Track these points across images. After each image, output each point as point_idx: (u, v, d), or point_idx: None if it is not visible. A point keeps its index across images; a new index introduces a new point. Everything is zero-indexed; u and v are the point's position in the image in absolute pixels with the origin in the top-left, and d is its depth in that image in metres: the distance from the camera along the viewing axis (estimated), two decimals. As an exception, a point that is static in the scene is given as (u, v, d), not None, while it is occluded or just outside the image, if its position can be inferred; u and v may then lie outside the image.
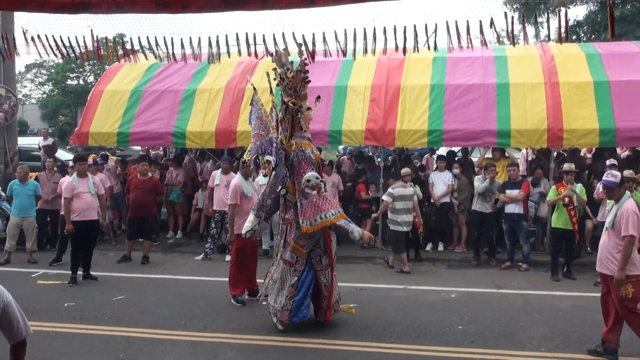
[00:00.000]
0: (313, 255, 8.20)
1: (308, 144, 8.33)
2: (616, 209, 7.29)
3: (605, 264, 7.29)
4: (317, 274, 8.24)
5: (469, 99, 12.97)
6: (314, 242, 8.15)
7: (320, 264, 8.25)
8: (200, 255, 12.68)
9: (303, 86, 8.27)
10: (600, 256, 7.40)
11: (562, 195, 10.97)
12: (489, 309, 9.18)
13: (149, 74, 15.14)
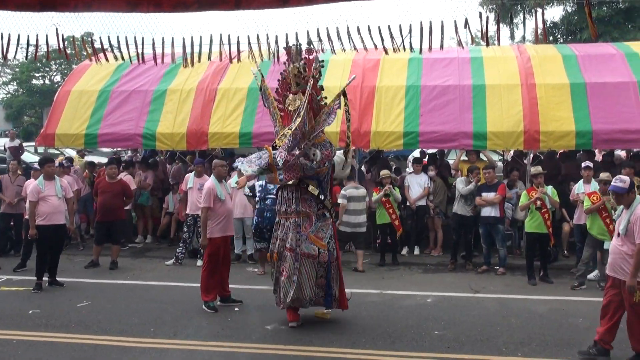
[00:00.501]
0: (330, 247, 8.54)
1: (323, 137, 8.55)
2: (628, 214, 7.23)
3: (619, 269, 7.25)
4: (331, 265, 8.55)
5: (445, 101, 13.07)
6: (330, 234, 8.55)
7: (333, 255, 8.59)
8: (171, 260, 12.60)
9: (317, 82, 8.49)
10: (612, 261, 7.35)
11: (534, 198, 11.08)
12: (466, 314, 9.24)
13: (117, 73, 15.02)
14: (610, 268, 7.39)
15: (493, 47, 14.50)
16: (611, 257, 7.40)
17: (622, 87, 12.69)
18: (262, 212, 11.50)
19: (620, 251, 7.24)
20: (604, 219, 10.59)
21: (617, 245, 7.32)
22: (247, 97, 13.76)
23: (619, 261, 7.25)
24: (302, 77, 8.39)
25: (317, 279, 8.48)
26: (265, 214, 11.48)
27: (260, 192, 11.60)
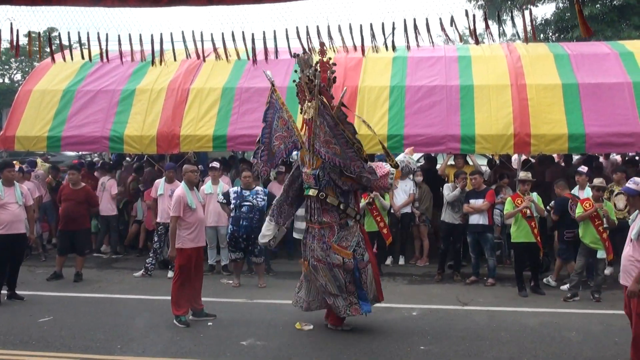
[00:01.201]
0: (357, 254, 8.77)
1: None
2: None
3: (630, 277, 7.30)
4: (360, 272, 8.78)
5: (431, 102, 13.11)
6: (356, 241, 8.79)
7: (362, 261, 8.82)
8: (140, 272, 12.53)
9: (328, 89, 8.68)
10: (624, 268, 7.39)
11: (522, 207, 11.14)
12: (453, 327, 9.26)
13: (82, 72, 14.93)
14: (623, 276, 7.43)
15: (481, 46, 14.60)
16: (623, 265, 7.44)
17: (616, 88, 12.81)
18: (238, 221, 11.47)
19: (633, 257, 7.26)
20: (597, 227, 10.67)
21: (629, 251, 7.36)
22: (221, 97, 13.73)
23: (629, 268, 7.28)
24: (313, 84, 8.61)
25: (346, 286, 8.80)
26: (241, 222, 11.46)
27: (235, 199, 11.58)
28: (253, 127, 13.11)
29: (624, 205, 11.83)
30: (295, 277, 12.34)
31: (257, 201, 11.61)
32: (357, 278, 8.78)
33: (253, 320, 9.55)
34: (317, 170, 8.76)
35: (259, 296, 10.99)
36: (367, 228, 12.56)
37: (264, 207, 11.67)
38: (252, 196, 11.61)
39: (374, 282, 9.02)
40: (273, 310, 10.12)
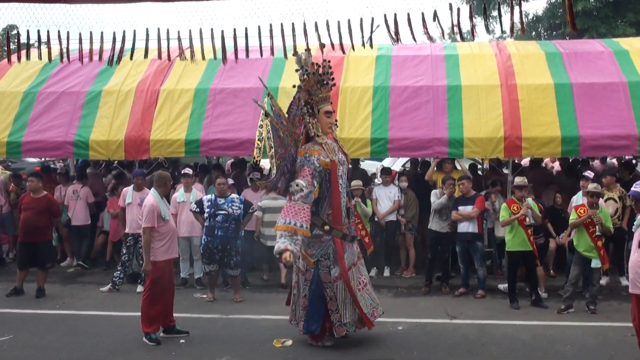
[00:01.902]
0: (320, 266, 8.88)
1: (317, 150, 8.86)
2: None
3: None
4: (325, 286, 8.88)
5: (417, 103, 13.13)
6: (322, 251, 8.87)
7: (328, 275, 8.88)
8: (107, 286, 12.44)
9: (319, 88, 8.98)
10: (634, 277, 7.51)
11: (520, 214, 11.14)
12: (441, 342, 9.29)
13: (44, 72, 14.81)
14: (633, 285, 7.49)
15: (470, 44, 14.68)
16: (632, 273, 7.52)
17: (611, 88, 12.90)
18: (213, 230, 11.44)
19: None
20: (591, 235, 10.75)
21: (638, 258, 7.42)
22: (193, 99, 13.68)
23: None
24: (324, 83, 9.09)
25: (300, 298, 9.02)
26: (216, 232, 11.43)
27: (209, 208, 11.55)
28: (228, 130, 13.11)
29: (614, 211, 11.95)
30: (272, 290, 12.36)
31: (232, 210, 11.57)
32: (312, 290, 8.92)
33: (228, 337, 9.53)
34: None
35: (234, 311, 10.96)
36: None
37: (240, 215, 11.65)
38: (227, 204, 11.58)
39: (352, 303, 8.95)
40: (250, 327, 10.09)
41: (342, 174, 9.03)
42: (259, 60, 13.68)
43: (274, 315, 10.59)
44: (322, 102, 9.08)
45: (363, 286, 9.15)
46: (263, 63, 13.98)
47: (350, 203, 9.35)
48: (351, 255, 9.11)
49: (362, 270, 9.32)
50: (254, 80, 13.67)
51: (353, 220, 9.51)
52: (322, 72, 9.02)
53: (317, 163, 8.76)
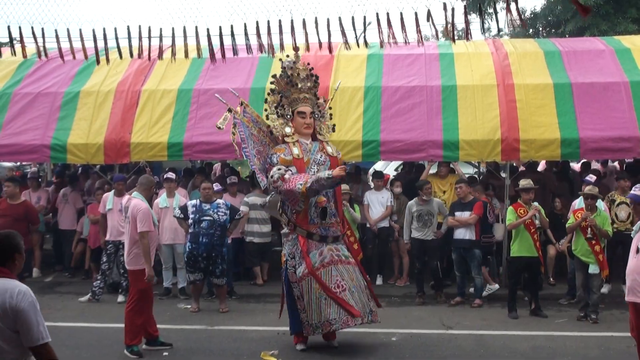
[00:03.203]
0: (288, 265, 9.42)
1: (281, 149, 9.48)
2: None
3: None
4: (292, 285, 9.37)
5: (410, 104, 13.15)
6: (289, 250, 9.45)
7: (294, 274, 9.32)
8: (86, 296, 12.39)
9: (289, 90, 9.61)
10: (632, 284, 7.50)
11: (528, 216, 11.12)
12: (437, 354, 9.32)
13: (20, 72, 14.75)
14: (631, 292, 7.49)
15: (465, 42, 14.71)
16: (630, 279, 7.52)
17: (612, 88, 12.96)
18: (197, 237, 11.44)
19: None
20: (588, 240, 10.83)
21: (636, 264, 7.42)
22: (176, 100, 13.66)
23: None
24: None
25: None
26: (201, 239, 11.42)
27: (193, 214, 11.54)
28: (212, 133, 13.03)
29: (626, 215, 12.00)
30: (260, 300, 12.35)
31: (218, 215, 11.58)
32: (285, 292, 9.59)
33: (214, 350, 9.53)
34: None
35: (220, 322, 10.95)
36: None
37: (226, 221, 11.67)
38: (212, 210, 11.58)
39: (318, 305, 9.12)
40: (236, 338, 10.09)
41: (315, 173, 9.22)
42: (245, 59, 13.70)
43: (261, 327, 10.60)
44: (295, 103, 9.62)
45: (341, 290, 9.14)
46: (249, 63, 13.99)
47: (328, 203, 9.47)
48: (320, 255, 9.26)
49: (344, 274, 9.30)
50: (240, 80, 13.69)
51: (333, 221, 9.55)
52: (290, 74, 9.53)
53: (275, 160, 9.33)
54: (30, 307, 4.85)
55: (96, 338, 10.10)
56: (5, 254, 4.99)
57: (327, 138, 9.87)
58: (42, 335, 4.86)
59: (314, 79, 9.81)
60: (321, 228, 9.39)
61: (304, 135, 9.62)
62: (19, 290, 4.84)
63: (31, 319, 4.83)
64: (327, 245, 9.36)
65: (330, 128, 9.99)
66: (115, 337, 9.51)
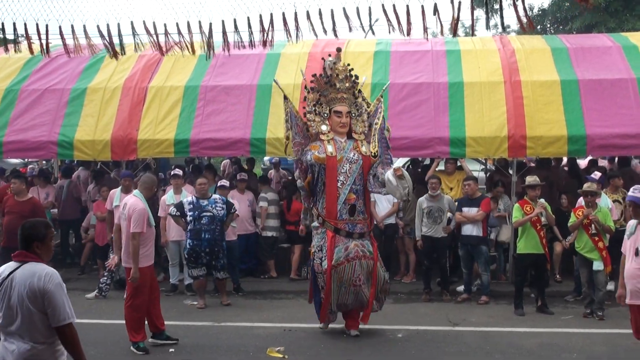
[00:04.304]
0: (315, 257, 9.94)
1: (315, 146, 9.93)
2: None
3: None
4: (317, 276, 9.89)
5: (417, 101, 13.14)
6: (317, 242, 9.95)
7: (320, 266, 9.81)
8: (93, 293, 12.44)
9: (327, 89, 10.00)
10: (633, 288, 7.51)
11: (534, 213, 11.08)
12: (443, 350, 9.32)
13: (27, 69, 14.76)
14: (634, 295, 7.49)
15: (472, 39, 14.68)
16: (631, 284, 7.51)
17: (619, 85, 12.93)
18: (199, 234, 11.48)
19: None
20: (591, 237, 10.85)
21: (636, 267, 7.41)
22: (183, 97, 13.65)
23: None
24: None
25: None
26: (203, 235, 11.48)
27: (191, 210, 11.57)
28: (219, 130, 13.10)
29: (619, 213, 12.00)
30: (266, 296, 12.37)
31: (216, 211, 11.66)
32: (312, 279, 10.08)
33: (220, 346, 9.55)
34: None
35: (226, 318, 10.98)
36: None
37: (223, 216, 11.77)
38: (210, 205, 11.65)
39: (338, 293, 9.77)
40: (242, 335, 10.11)
41: (347, 171, 9.79)
42: (252, 56, 13.73)
43: (267, 323, 10.62)
44: (332, 102, 10.01)
45: (359, 283, 9.74)
46: (255, 59, 14.00)
47: (357, 200, 9.84)
48: (346, 250, 9.70)
49: (364, 268, 9.81)
50: (246, 77, 13.70)
51: (360, 218, 9.93)
52: (329, 74, 9.93)
53: (309, 157, 9.84)
54: (57, 288, 5.13)
55: (103, 334, 10.14)
56: (28, 242, 5.38)
57: (362, 137, 10.08)
58: (67, 315, 5.14)
59: (353, 79, 10.12)
60: (349, 224, 9.81)
61: (339, 133, 9.99)
62: (46, 272, 5.16)
63: (57, 299, 5.10)
64: (353, 241, 9.76)
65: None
66: (122, 334, 9.52)
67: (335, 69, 9.96)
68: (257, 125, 13.12)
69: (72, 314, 5.18)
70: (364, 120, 10.18)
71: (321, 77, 10.01)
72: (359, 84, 10.23)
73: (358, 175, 9.83)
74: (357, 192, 9.86)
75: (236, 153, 13.76)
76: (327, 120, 10.00)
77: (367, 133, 10.12)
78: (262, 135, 13.01)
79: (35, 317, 5.12)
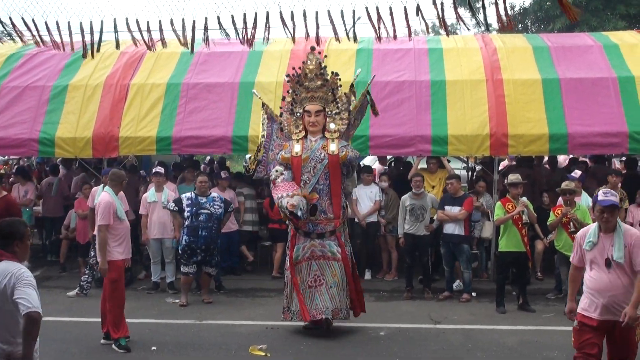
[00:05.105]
0: (286, 253, 10.26)
1: (285, 145, 10.06)
2: (618, 237, 6.46)
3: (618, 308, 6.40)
4: (284, 272, 10.20)
5: (399, 99, 13.17)
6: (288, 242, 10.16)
7: (286, 262, 10.07)
8: (74, 291, 12.36)
9: (299, 89, 10.04)
10: (609, 302, 6.43)
11: (516, 211, 11.14)
12: (425, 348, 9.34)
13: (8, 65, 14.68)
14: (605, 310, 6.49)
15: (454, 37, 14.73)
16: (607, 298, 6.45)
17: (600, 84, 13.02)
18: (196, 231, 11.50)
19: (622, 285, 6.42)
20: (570, 235, 10.86)
21: (612, 278, 6.46)
22: (165, 94, 13.61)
23: (620, 298, 6.41)
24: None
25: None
26: (200, 232, 11.50)
27: (190, 207, 11.56)
28: (201, 127, 13.07)
29: None
30: (248, 294, 12.36)
31: (214, 209, 11.68)
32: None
33: (202, 344, 9.52)
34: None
35: (208, 316, 10.95)
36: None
37: (221, 214, 11.81)
38: (209, 203, 11.67)
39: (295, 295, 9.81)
40: (225, 333, 10.09)
41: (312, 169, 9.78)
42: (234, 53, 13.72)
43: (249, 321, 10.61)
44: (304, 101, 10.02)
45: (318, 284, 9.70)
46: (238, 57, 13.98)
47: (319, 200, 9.72)
48: (303, 250, 9.80)
49: (326, 269, 9.77)
50: (228, 75, 13.67)
51: (322, 217, 9.82)
52: (299, 74, 9.99)
53: (278, 157, 10.06)
54: (28, 281, 5.18)
55: (84, 332, 10.07)
56: (6, 240, 5.27)
57: (335, 135, 9.92)
58: (36, 304, 5.09)
59: (327, 77, 10.04)
60: (309, 224, 9.75)
61: (312, 132, 9.96)
62: (19, 270, 5.18)
63: (29, 289, 5.12)
64: (310, 240, 9.79)
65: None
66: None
67: (305, 67, 9.98)
68: (239, 122, 13.11)
69: (39, 306, 5.12)
70: (344, 118, 10.02)
71: (293, 77, 10.07)
72: (338, 81, 10.11)
73: (322, 174, 9.78)
74: (321, 192, 9.80)
75: (218, 151, 13.71)
76: (301, 120, 10.05)
77: (343, 131, 9.99)
78: (245, 132, 12.99)
79: (5, 317, 5.10)
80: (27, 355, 5.12)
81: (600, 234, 6.57)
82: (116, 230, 9.39)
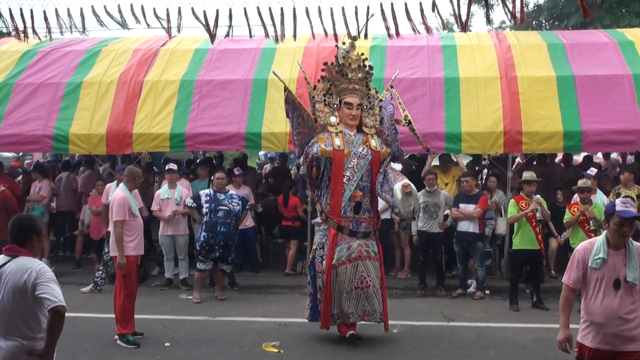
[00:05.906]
0: (316, 254, 9.51)
1: (323, 138, 9.41)
2: (630, 254, 5.68)
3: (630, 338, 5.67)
4: (317, 275, 9.43)
5: (412, 96, 13.11)
6: (319, 239, 9.52)
7: (320, 265, 9.38)
8: (88, 287, 12.40)
9: (339, 79, 9.52)
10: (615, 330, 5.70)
11: (529, 209, 11.10)
12: (438, 346, 9.33)
13: (22, 62, 14.73)
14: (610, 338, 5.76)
15: (468, 34, 14.67)
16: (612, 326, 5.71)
17: (615, 81, 12.95)
18: (215, 227, 11.53)
19: (630, 310, 5.65)
20: (587, 232, 10.85)
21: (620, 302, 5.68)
22: (179, 91, 13.64)
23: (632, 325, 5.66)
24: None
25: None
26: (219, 228, 11.53)
27: (208, 203, 11.57)
28: (215, 124, 13.09)
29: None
30: (261, 291, 12.36)
31: (232, 206, 11.72)
32: (311, 277, 9.63)
33: (216, 340, 9.53)
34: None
35: (222, 313, 10.96)
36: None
37: (239, 212, 11.86)
38: (227, 200, 11.70)
39: (340, 297, 9.20)
40: (238, 329, 10.11)
41: (355, 166, 9.30)
42: (247, 50, 13.71)
43: (262, 318, 10.61)
44: (343, 92, 9.52)
45: (364, 286, 9.15)
46: (251, 54, 13.99)
47: (363, 198, 9.38)
48: (348, 250, 9.22)
49: (372, 270, 9.29)
50: (242, 72, 13.68)
51: (365, 216, 9.42)
52: (342, 63, 9.43)
53: (316, 149, 9.31)
54: (50, 277, 5.09)
55: (98, 328, 10.11)
56: (25, 236, 5.23)
57: (373, 131, 9.59)
58: (62, 299, 5.01)
59: (367, 69, 9.62)
60: (353, 222, 9.33)
61: (349, 126, 9.47)
62: (39, 266, 5.11)
63: (52, 284, 5.04)
64: (356, 240, 9.30)
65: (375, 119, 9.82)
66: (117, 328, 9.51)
67: (348, 57, 9.46)
68: (252, 119, 13.12)
69: (62, 299, 5.04)
70: (376, 114, 9.73)
71: (333, 65, 9.52)
72: (372, 75, 9.76)
73: (366, 172, 9.32)
74: (364, 189, 9.35)
75: (231, 147, 13.72)
76: (337, 112, 9.50)
77: (377, 127, 9.70)
78: (258, 129, 13.01)
79: (25, 313, 5.08)
80: (48, 351, 5.09)
81: (610, 250, 5.70)
82: (129, 226, 9.47)
